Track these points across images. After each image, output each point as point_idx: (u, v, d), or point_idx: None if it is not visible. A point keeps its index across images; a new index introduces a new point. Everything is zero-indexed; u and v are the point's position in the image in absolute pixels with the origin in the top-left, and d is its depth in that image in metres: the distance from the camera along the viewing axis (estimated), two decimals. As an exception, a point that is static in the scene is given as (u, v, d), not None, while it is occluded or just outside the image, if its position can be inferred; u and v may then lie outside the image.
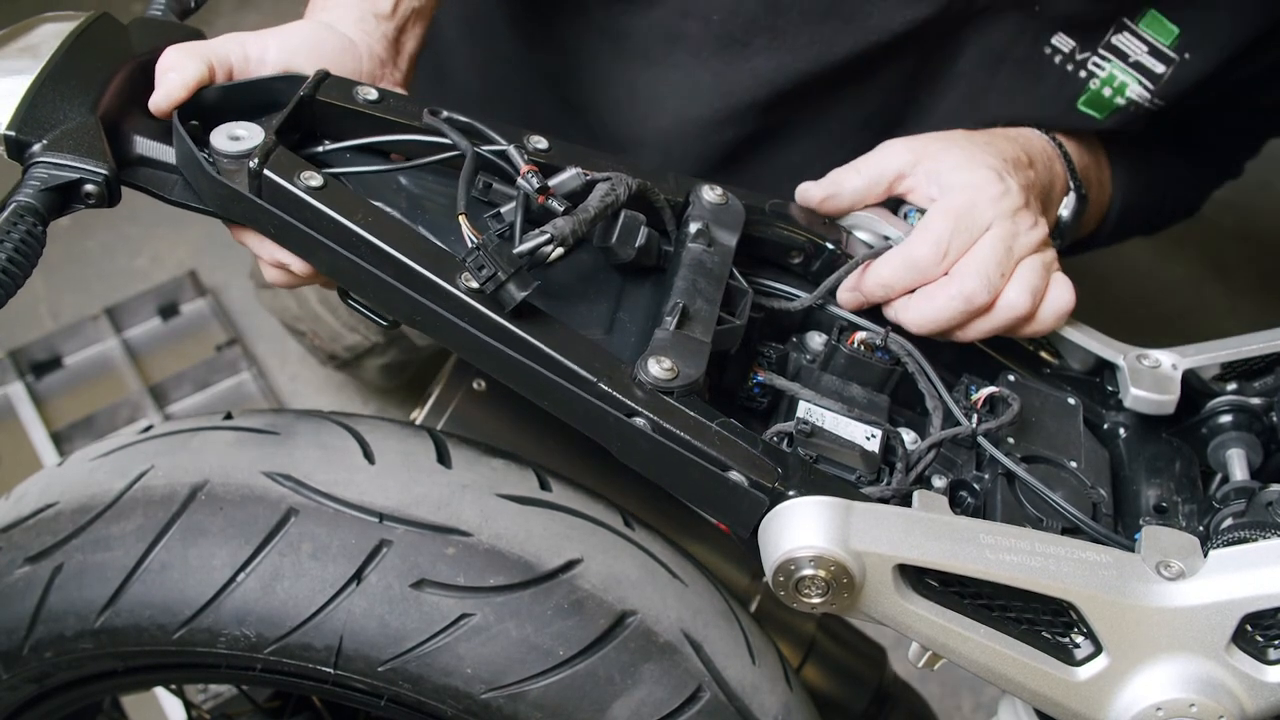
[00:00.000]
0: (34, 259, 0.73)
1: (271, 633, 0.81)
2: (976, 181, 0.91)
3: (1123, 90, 1.03)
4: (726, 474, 0.76)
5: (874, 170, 0.95)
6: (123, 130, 0.82)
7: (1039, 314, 0.90)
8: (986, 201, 0.90)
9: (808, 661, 1.16)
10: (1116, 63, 1.02)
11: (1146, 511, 0.88)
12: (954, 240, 0.88)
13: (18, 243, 0.72)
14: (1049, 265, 0.91)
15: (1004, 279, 0.88)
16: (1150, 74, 1.02)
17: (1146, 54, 1.01)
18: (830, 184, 0.95)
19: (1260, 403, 0.91)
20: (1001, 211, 0.90)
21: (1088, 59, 1.03)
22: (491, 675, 0.81)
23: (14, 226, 0.72)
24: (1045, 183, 1.02)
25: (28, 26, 0.84)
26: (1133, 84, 1.03)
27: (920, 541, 0.74)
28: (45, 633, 0.85)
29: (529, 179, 0.79)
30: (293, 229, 0.79)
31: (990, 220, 0.89)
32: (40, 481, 0.92)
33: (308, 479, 0.84)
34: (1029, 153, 1.01)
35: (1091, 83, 1.04)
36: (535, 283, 0.75)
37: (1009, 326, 0.90)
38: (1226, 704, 0.74)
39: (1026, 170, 0.99)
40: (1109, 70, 1.02)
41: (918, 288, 0.89)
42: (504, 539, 0.83)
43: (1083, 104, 1.05)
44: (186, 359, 2.22)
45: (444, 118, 0.85)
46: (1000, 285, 0.88)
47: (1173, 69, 1.02)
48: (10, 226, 0.72)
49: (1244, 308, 2.51)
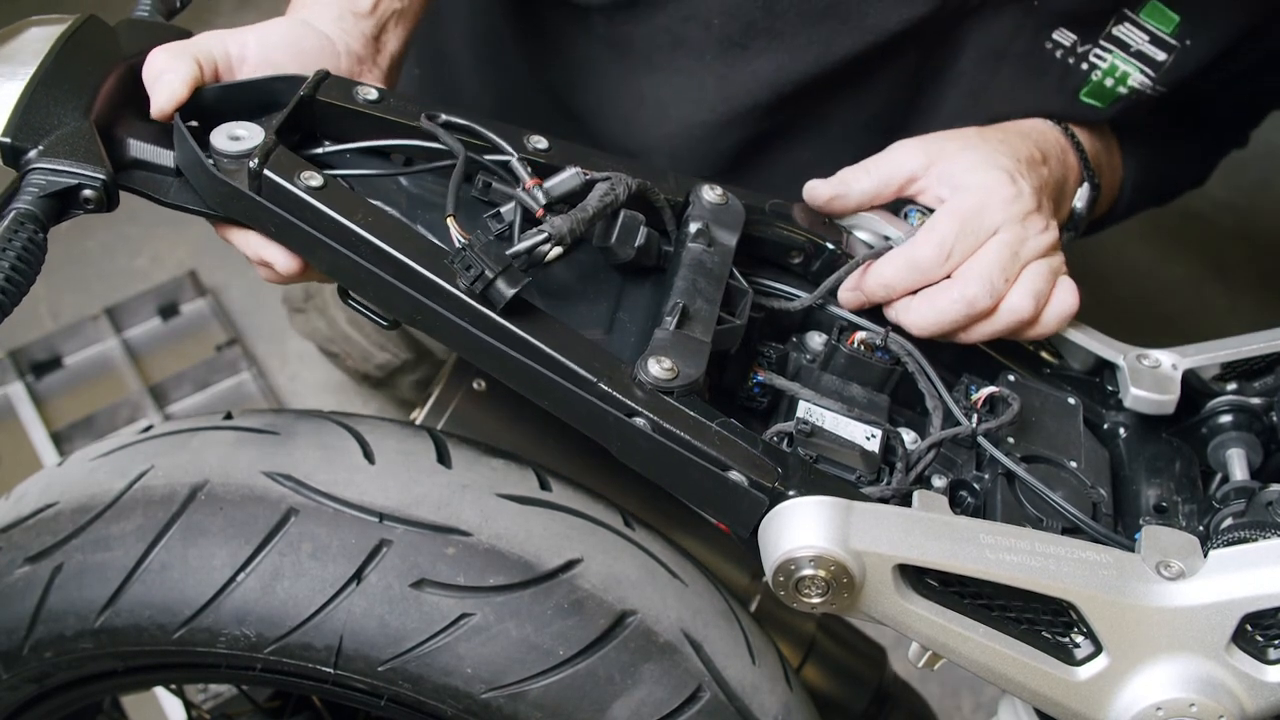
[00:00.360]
0: (36, 267, 0.72)
1: (271, 632, 0.81)
2: (989, 184, 0.91)
3: (1125, 80, 1.03)
4: (726, 474, 0.76)
5: (885, 172, 0.94)
6: (116, 134, 0.82)
7: (1042, 318, 0.90)
8: (998, 204, 0.90)
9: (808, 661, 1.16)
10: (1118, 53, 1.02)
11: (1146, 511, 0.88)
12: (959, 243, 0.88)
13: (20, 251, 0.71)
14: (1056, 269, 0.91)
15: (1008, 284, 0.88)
16: (1152, 62, 1.02)
17: (1148, 43, 1.01)
18: (839, 183, 0.94)
19: (1260, 403, 0.91)
20: (1012, 215, 0.90)
21: (1089, 51, 1.03)
22: (491, 675, 0.81)
23: (15, 235, 0.72)
24: (1059, 179, 1.02)
25: (15, 30, 0.83)
26: (1135, 73, 1.03)
27: (920, 541, 0.74)
28: (45, 633, 0.85)
29: (533, 194, 0.79)
30: (293, 228, 0.79)
31: (999, 224, 0.89)
32: (40, 481, 0.92)
33: (308, 479, 0.84)
34: (1043, 149, 1.01)
35: (1093, 74, 1.04)
36: (526, 279, 0.75)
37: (1011, 330, 0.90)
38: (1226, 704, 0.74)
39: (1040, 168, 0.99)
40: (1110, 61, 1.02)
41: (920, 289, 0.89)
42: (504, 539, 0.83)
43: (1085, 95, 1.05)
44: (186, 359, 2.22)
45: (441, 121, 0.85)
46: (1004, 290, 0.88)
47: (1174, 56, 1.02)
48: (11, 235, 0.72)
49: (1244, 308, 2.51)
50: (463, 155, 0.82)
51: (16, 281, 0.71)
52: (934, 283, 0.89)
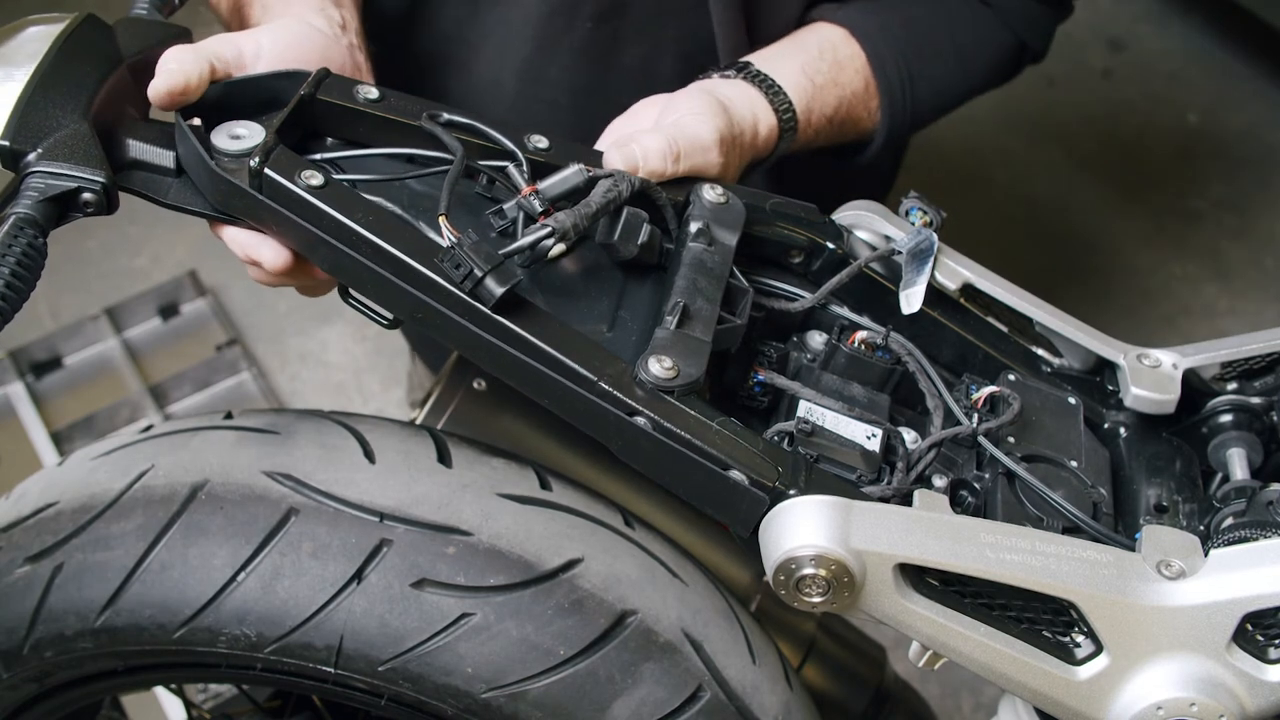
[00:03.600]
0: (37, 272, 0.72)
1: (272, 632, 0.81)
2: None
3: None
4: (727, 473, 0.76)
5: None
6: (115, 135, 0.82)
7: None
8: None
9: (808, 661, 1.16)
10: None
11: (1147, 511, 0.88)
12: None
13: (20, 256, 0.71)
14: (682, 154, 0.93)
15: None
16: None
17: None
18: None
19: (1260, 402, 0.91)
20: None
21: None
22: (492, 674, 0.81)
23: (15, 240, 0.71)
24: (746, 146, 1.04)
25: (12, 30, 0.82)
26: None
27: (921, 540, 0.74)
28: (45, 632, 0.85)
29: (529, 201, 0.79)
30: (294, 226, 0.80)
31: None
32: (40, 481, 0.92)
33: (308, 478, 0.84)
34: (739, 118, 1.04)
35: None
36: (518, 278, 0.75)
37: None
38: (1227, 703, 0.74)
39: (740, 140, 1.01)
40: None
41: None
42: (504, 538, 0.83)
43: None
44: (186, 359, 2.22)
45: (443, 120, 0.85)
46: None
47: None
48: (11, 240, 0.71)
49: (1244, 308, 2.52)
50: (460, 155, 0.82)
51: (17, 288, 0.70)
52: None
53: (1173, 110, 2.86)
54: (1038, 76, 2.76)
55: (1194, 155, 2.76)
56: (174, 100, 0.82)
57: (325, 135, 0.87)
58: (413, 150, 0.86)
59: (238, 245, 0.85)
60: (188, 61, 0.82)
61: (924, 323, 0.93)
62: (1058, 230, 2.63)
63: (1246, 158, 2.76)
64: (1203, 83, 2.92)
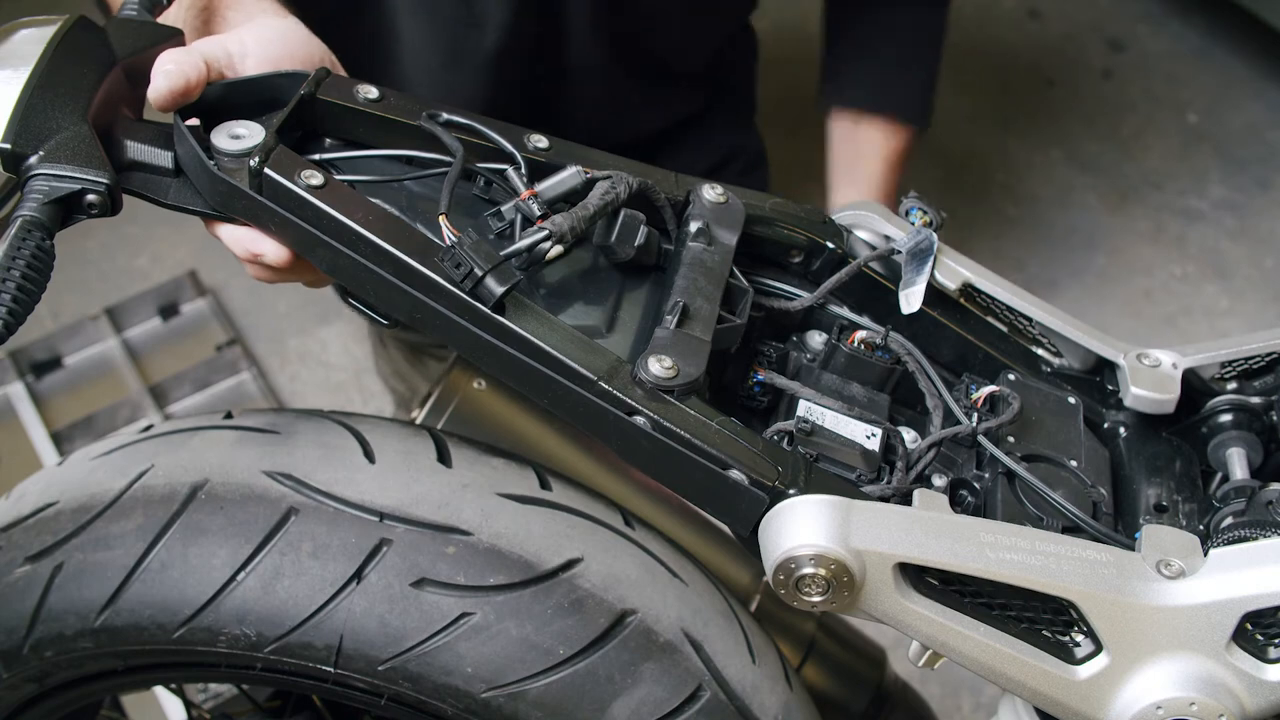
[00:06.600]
0: (47, 274, 0.72)
1: (272, 632, 0.81)
2: None
3: None
4: (727, 473, 0.76)
5: None
6: (114, 136, 0.82)
7: None
8: None
9: (808, 661, 1.16)
10: None
11: (1147, 510, 0.88)
12: None
13: (30, 259, 0.71)
14: None
15: None
16: None
17: None
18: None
19: (1260, 402, 0.91)
20: None
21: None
22: (492, 674, 0.81)
23: (24, 243, 0.71)
24: None
25: (5, 33, 0.82)
26: None
27: (921, 540, 0.74)
28: (45, 632, 0.85)
29: (528, 205, 0.79)
30: (293, 226, 0.79)
31: None
32: (40, 481, 0.92)
33: (308, 478, 0.84)
34: None
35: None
36: (518, 277, 0.75)
37: None
38: (1227, 703, 0.74)
39: None
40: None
41: None
42: (504, 538, 0.83)
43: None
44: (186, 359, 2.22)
45: (442, 120, 0.85)
46: None
47: None
48: (20, 243, 0.71)
49: (1244, 308, 2.52)
50: (460, 155, 0.82)
51: (28, 290, 0.70)
52: None
53: (1173, 110, 2.86)
54: (1038, 76, 2.77)
55: (1194, 155, 2.76)
56: (175, 101, 0.82)
57: (324, 135, 0.87)
58: (412, 152, 0.86)
59: (237, 243, 0.85)
60: (186, 62, 0.82)
61: (924, 322, 0.93)
62: (1057, 230, 2.63)
63: (1246, 158, 2.76)
64: (1203, 83, 2.92)
